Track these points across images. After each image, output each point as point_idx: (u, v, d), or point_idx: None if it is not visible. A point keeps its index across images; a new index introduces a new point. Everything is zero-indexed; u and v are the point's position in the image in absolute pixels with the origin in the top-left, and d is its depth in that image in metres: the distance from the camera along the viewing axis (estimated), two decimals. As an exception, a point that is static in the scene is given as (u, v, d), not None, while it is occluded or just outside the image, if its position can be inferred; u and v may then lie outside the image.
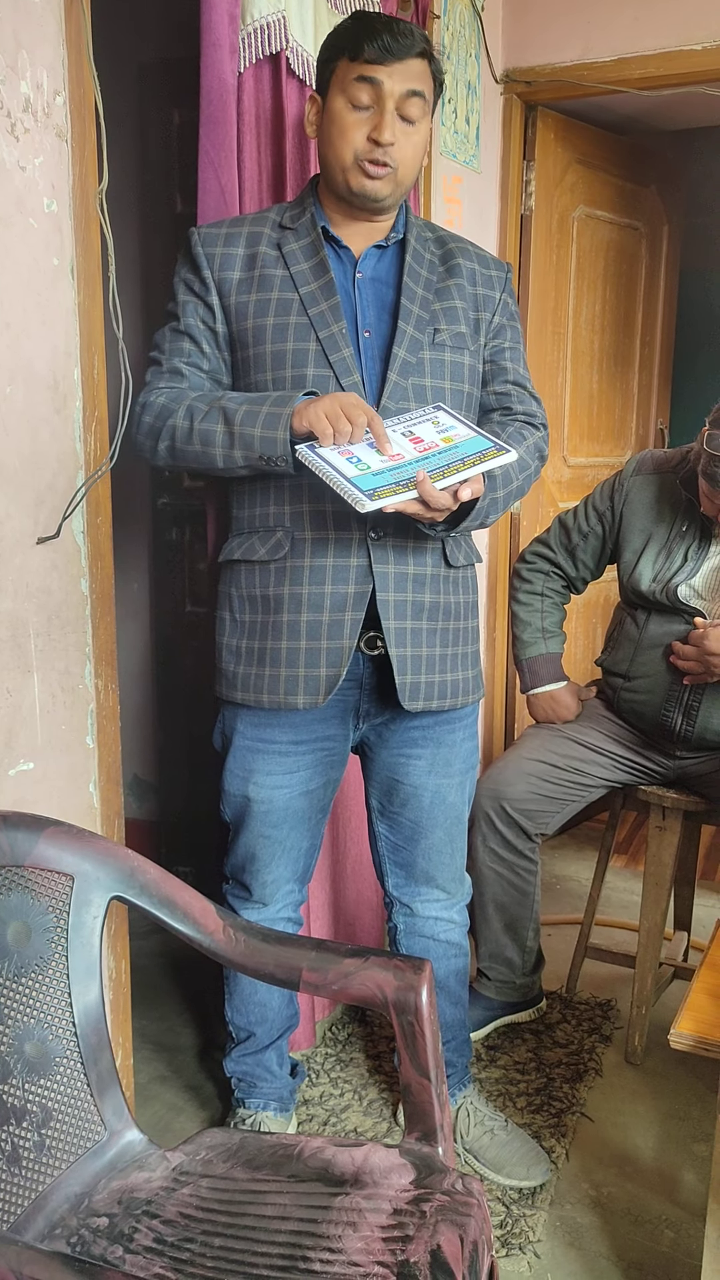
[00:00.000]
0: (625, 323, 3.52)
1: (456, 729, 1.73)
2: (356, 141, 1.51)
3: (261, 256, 1.58)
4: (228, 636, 1.67)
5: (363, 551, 1.56)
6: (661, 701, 2.08)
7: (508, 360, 1.71)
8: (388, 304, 1.60)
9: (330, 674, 1.58)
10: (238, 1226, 1.15)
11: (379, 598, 1.57)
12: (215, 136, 1.78)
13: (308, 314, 1.55)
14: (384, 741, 1.73)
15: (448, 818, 1.76)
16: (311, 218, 1.59)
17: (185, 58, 1.90)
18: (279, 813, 1.70)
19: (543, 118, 2.99)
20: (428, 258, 1.64)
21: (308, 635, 1.57)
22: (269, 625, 1.60)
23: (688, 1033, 1.31)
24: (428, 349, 1.59)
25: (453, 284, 1.64)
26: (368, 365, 1.57)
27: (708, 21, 2.62)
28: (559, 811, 2.17)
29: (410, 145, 1.53)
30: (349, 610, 1.56)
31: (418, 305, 1.60)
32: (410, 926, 1.83)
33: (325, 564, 1.56)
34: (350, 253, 1.60)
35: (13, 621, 1.46)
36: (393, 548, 1.57)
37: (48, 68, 1.43)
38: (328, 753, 1.70)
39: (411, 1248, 1.09)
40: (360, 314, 1.58)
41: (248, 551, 1.61)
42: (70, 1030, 1.26)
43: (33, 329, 1.45)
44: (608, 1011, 2.34)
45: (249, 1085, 1.87)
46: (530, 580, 2.27)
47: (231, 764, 1.71)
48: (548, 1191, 1.80)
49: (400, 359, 1.57)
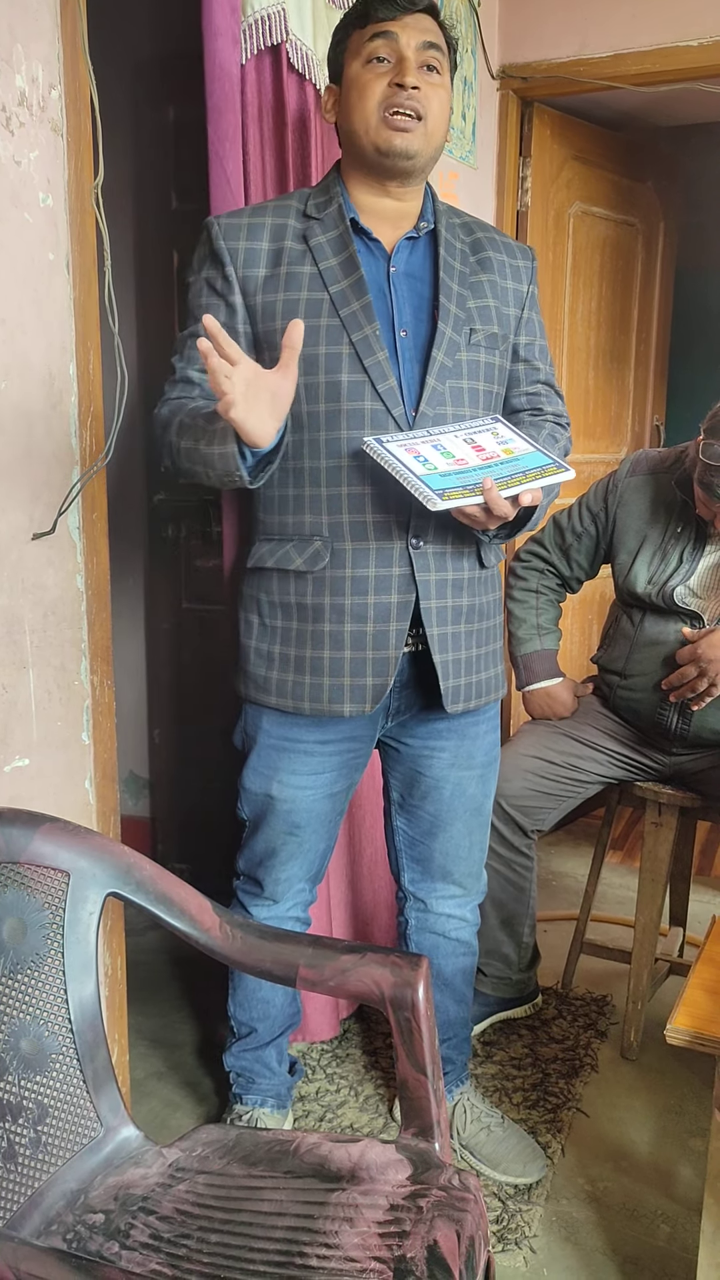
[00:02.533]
0: (621, 319, 3.52)
1: (480, 722, 1.72)
2: (379, 92, 1.46)
3: (287, 251, 1.51)
4: (256, 640, 1.64)
5: (405, 560, 1.54)
6: (658, 699, 2.08)
7: (538, 359, 1.69)
8: (424, 300, 1.55)
9: (378, 683, 1.56)
10: (234, 1223, 1.15)
11: (422, 606, 1.55)
12: (221, 127, 1.78)
13: (339, 315, 1.49)
14: (409, 733, 1.71)
15: (467, 810, 1.75)
16: (339, 208, 1.52)
17: (181, 53, 1.90)
18: (302, 813, 1.68)
19: (539, 114, 2.98)
20: (459, 248, 1.59)
21: (352, 645, 1.56)
22: (308, 634, 1.58)
23: (683, 1028, 1.31)
24: (464, 350, 1.56)
25: (485, 280, 1.60)
26: (405, 367, 1.53)
27: (703, 18, 2.62)
28: (555, 808, 2.17)
29: (437, 99, 1.49)
30: (394, 620, 1.55)
31: (454, 303, 1.55)
32: (422, 923, 1.82)
33: (368, 574, 1.54)
34: (381, 246, 1.54)
35: (8, 618, 1.46)
36: (433, 554, 1.56)
37: (43, 62, 1.42)
38: (353, 754, 1.68)
39: (408, 1243, 1.09)
40: (396, 312, 1.53)
41: (282, 560, 1.57)
42: (66, 1026, 1.26)
43: (28, 324, 1.44)
44: (603, 1007, 2.34)
45: (247, 1081, 1.87)
46: (525, 578, 2.27)
47: (255, 762, 1.68)
48: (544, 1187, 1.81)
49: (439, 363, 1.52)
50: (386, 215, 1.55)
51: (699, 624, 2.03)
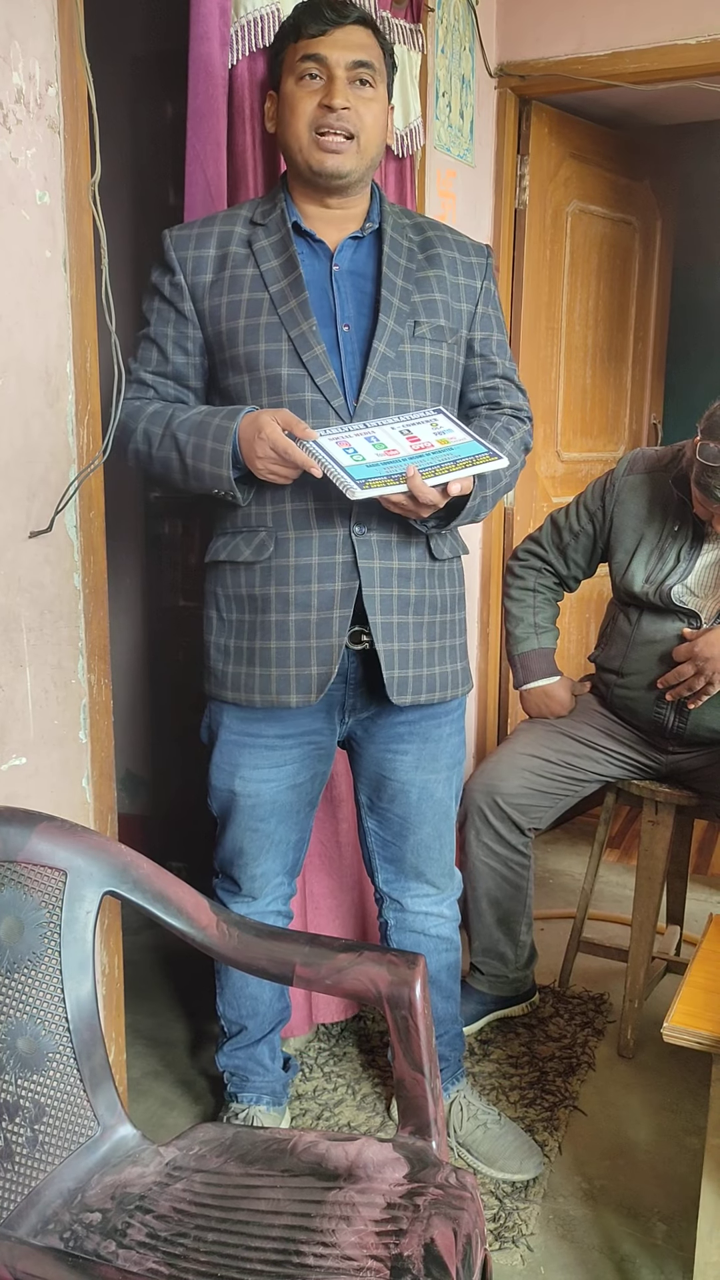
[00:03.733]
0: (619, 317, 3.52)
1: (443, 724, 1.73)
2: (309, 112, 1.50)
3: (232, 256, 1.57)
4: (215, 635, 1.67)
5: (347, 548, 1.56)
6: (655, 698, 2.08)
7: (494, 353, 1.71)
8: (367, 296, 1.59)
9: (321, 672, 1.58)
10: (231, 1221, 1.15)
11: (365, 593, 1.57)
12: (202, 130, 1.77)
13: (278, 313, 1.54)
14: (371, 737, 1.72)
15: (435, 813, 1.76)
16: (281, 213, 1.58)
17: (178, 49, 1.89)
18: (266, 806, 1.70)
19: (537, 112, 2.98)
20: (405, 246, 1.63)
21: (297, 634, 1.58)
22: (257, 625, 1.60)
23: (680, 1026, 1.31)
24: (408, 342, 1.59)
25: (433, 275, 1.63)
26: (347, 360, 1.56)
27: (701, 16, 2.62)
28: (552, 806, 2.17)
29: (370, 113, 1.53)
30: (336, 608, 1.57)
31: (397, 297, 1.58)
32: (400, 922, 1.83)
33: (310, 562, 1.56)
34: (325, 246, 1.59)
35: (5, 616, 1.46)
36: (377, 543, 1.57)
37: (40, 59, 1.42)
38: (315, 746, 1.70)
39: (405, 1241, 1.09)
40: (339, 308, 1.57)
41: (233, 552, 1.61)
42: (63, 1025, 1.26)
43: (25, 322, 1.44)
44: (600, 1005, 2.34)
45: (241, 1080, 1.87)
46: (523, 577, 2.27)
47: (218, 758, 1.71)
48: (541, 1185, 1.81)
49: (380, 354, 1.56)
50: (330, 219, 1.60)
51: (696, 622, 2.03)
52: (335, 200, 1.58)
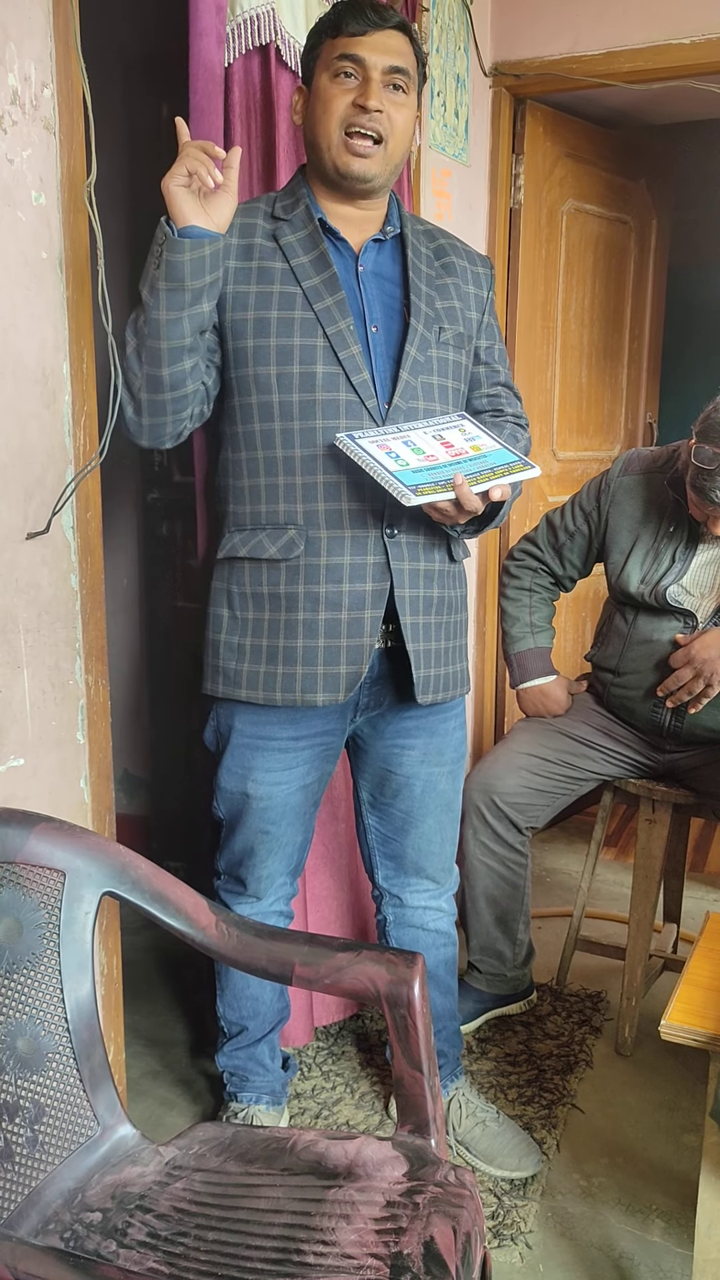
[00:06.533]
0: (614, 317, 3.52)
1: (449, 718, 1.75)
2: (342, 110, 1.50)
3: (258, 248, 1.56)
4: (225, 633, 1.65)
5: (380, 549, 1.57)
6: (652, 697, 2.09)
7: (497, 361, 1.74)
8: (393, 299, 1.60)
9: (351, 671, 1.58)
10: (231, 1220, 1.16)
11: (396, 594, 1.58)
12: (202, 128, 1.78)
13: (313, 309, 1.53)
14: (379, 733, 1.73)
15: (438, 806, 1.77)
16: (307, 209, 1.57)
17: (173, 50, 1.89)
18: (277, 809, 1.70)
19: (532, 111, 2.98)
20: (425, 253, 1.65)
21: (326, 634, 1.57)
22: (280, 623, 1.59)
23: (678, 1024, 1.32)
24: (435, 347, 1.61)
25: (450, 282, 1.65)
26: (378, 362, 1.57)
27: (696, 15, 2.62)
28: (549, 805, 2.18)
29: (400, 117, 1.52)
30: (368, 608, 1.57)
31: (424, 302, 1.60)
32: (399, 917, 1.84)
33: (342, 562, 1.56)
34: (349, 246, 1.59)
35: (2, 617, 1.46)
36: (406, 544, 1.59)
37: (35, 60, 1.42)
38: (325, 747, 1.70)
39: (405, 1239, 1.10)
40: (366, 309, 1.58)
41: (255, 549, 1.59)
42: (62, 1026, 1.26)
43: (21, 323, 1.44)
44: (598, 1003, 2.35)
45: (241, 1079, 1.87)
46: (518, 576, 2.27)
47: (229, 761, 1.70)
48: (539, 1182, 1.81)
49: (412, 357, 1.57)
50: (351, 220, 1.60)
51: (693, 622, 2.03)
52: (362, 202, 1.58)
